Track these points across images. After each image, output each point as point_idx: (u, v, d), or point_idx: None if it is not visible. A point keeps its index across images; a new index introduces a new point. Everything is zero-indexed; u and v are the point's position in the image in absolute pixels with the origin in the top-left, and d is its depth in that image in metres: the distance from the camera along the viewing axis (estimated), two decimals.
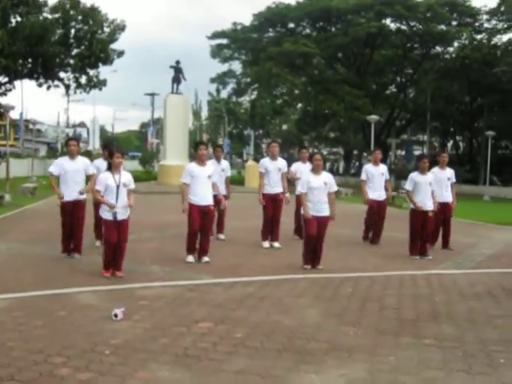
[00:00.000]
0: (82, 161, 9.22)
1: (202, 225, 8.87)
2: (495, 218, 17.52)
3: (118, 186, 7.74)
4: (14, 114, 49.65)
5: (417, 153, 52.39)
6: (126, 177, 7.94)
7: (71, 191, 8.93)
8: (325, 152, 78.39)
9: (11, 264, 8.52)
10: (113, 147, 8.70)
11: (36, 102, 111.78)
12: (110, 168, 7.92)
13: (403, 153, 57.90)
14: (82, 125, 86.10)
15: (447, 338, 5.32)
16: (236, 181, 32.46)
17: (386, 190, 11.68)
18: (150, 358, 4.59)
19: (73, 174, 8.96)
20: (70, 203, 8.97)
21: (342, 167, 70.20)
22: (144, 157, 47.35)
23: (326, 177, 8.75)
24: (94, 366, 4.40)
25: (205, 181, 8.87)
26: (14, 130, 61.65)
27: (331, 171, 68.54)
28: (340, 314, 6.07)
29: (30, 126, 58.65)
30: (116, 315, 5.63)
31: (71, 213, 8.97)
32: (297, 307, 6.31)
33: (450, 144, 59.35)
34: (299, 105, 54.42)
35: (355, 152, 65.72)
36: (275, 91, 49.14)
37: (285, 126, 72.40)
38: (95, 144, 66.25)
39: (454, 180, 11.15)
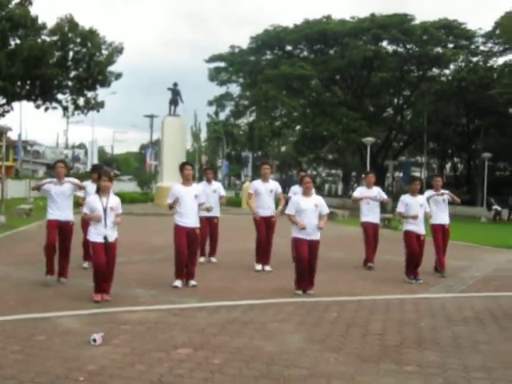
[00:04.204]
0: (69, 182, 9.13)
1: (188, 248, 8.75)
2: (491, 240, 17.45)
3: (105, 210, 7.70)
4: (13, 135, 49.84)
5: (415, 174, 52.59)
6: (114, 201, 7.87)
7: (59, 214, 8.85)
8: (323, 174, 78.79)
9: None
10: (101, 170, 8.64)
11: (36, 123, 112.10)
12: (98, 191, 7.87)
13: (401, 175, 57.95)
14: (82, 146, 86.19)
15: (430, 364, 5.23)
16: (233, 202, 32.38)
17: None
18: None
19: (59, 196, 8.87)
20: (55, 221, 8.84)
21: (341, 189, 70.27)
22: (142, 178, 47.32)
23: (317, 199, 8.64)
24: None
25: (191, 201, 8.79)
26: (13, 152, 61.73)
27: (329, 193, 68.92)
28: (323, 339, 5.97)
29: (28, 148, 58.69)
30: (95, 340, 5.55)
31: (56, 231, 8.78)
32: (280, 332, 6.21)
33: (448, 166, 59.58)
34: (297, 127, 54.50)
35: (353, 174, 65.91)
36: (274, 113, 49.22)
37: (283, 148, 72.63)
38: None
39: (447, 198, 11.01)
